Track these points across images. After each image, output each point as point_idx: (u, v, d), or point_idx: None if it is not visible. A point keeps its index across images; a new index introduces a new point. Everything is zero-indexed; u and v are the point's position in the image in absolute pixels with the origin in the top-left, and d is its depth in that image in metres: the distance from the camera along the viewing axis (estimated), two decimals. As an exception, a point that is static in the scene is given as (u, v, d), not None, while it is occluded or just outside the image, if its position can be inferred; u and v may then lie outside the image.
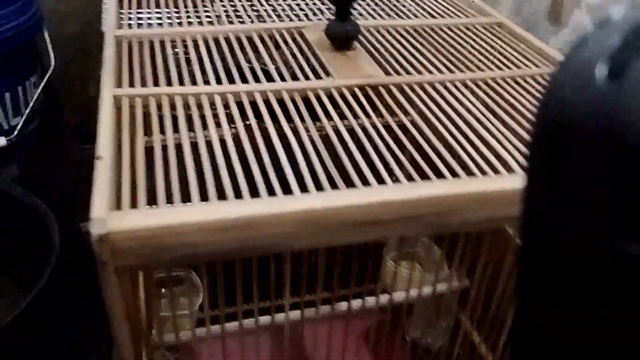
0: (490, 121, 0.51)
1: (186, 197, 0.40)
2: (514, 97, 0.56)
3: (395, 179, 0.43)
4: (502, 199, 0.41)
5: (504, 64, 0.63)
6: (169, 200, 0.39)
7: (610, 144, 0.17)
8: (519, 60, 0.64)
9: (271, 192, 0.40)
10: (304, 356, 1.04)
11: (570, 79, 0.19)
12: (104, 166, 0.41)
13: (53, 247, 1.08)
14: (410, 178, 0.43)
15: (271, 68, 0.57)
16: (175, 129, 0.47)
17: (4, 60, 1.21)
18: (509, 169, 0.45)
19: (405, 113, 0.52)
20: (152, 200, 0.40)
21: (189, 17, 0.68)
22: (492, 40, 0.69)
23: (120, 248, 0.36)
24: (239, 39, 0.63)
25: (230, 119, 0.49)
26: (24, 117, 1.27)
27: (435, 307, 0.91)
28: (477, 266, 0.57)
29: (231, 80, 0.54)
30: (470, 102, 0.54)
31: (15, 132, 1.25)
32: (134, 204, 0.39)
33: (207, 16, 0.69)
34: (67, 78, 1.38)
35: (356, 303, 0.60)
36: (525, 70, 0.61)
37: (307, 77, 0.56)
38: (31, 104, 1.28)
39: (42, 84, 1.32)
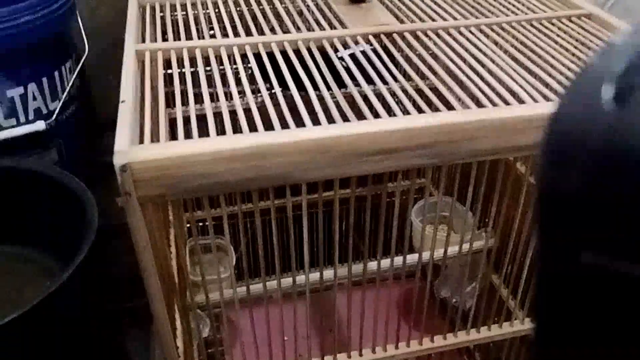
0: (502, 59, 0.52)
1: (206, 134, 0.42)
2: (527, 38, 0.56)
3: (405, 111, 0.43)
4: (510, 127, 0.42)
5: (518, 9, 0.63)
6: (188, 136, 0.41)
7: (615, 167, 0.17)
8: (533, 4, 0.64)
9: (284, 126, 0.42)
10: (337, 322, 1.06)
11: (576, 103, 0.19)
12: (126, 108, 0.43)
13: (91, 224, 1.12)
14: (420, 110, 0.44)
15: (287, 22, 0.59)
16: (195, 83, 0.49)
17: (39, 46, 1.25)
18: (520, 100, 0.46)
19: (420, 57, 0.53)
20: (175, 138, 0.42)
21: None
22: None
23: (141, 178, 0.38)
24: (257, -1, 0.64)
25: (248, 70, 0.50)
26: (61, 102, 1.32)
27: (465, 266, 0.91)
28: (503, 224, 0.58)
29: (248, 33, 0.56)
30: (484, 43, 0.55)
31: (54, 117, 1.30)
32: (156, 140, 0.41)
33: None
34: (101, 65, 1.42)
35: (385, 263, 0.61)
36: (540, 14, 0.61)
37: (322, 28, 0.58)
38: (67, 89, 1.33)
39: (77, 70, 1.36)
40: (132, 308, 1.18)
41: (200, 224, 0.89)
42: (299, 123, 0.42)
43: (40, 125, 1.33)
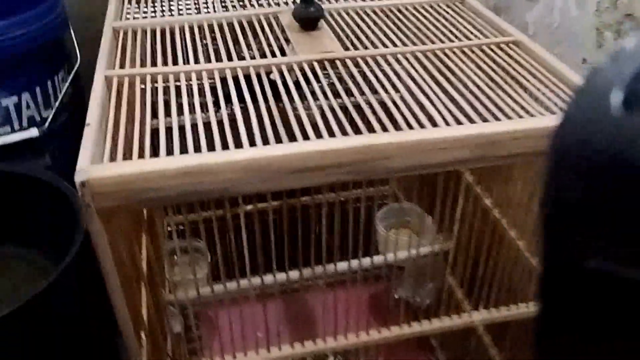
0: (428, 84, 0.59)
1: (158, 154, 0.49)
2: (455, 64, 0.63)
3: (330, 131, 0.50)
4: (419, 148, 0.49)
5: (455, 36, 0.70)
6: (141, 155, 0.48)
7: (622, 173, 0.17)
8: (470, 32, 0.71)
9: (225, 146, 0.49)
10: (310, 319, 1.13)
11: (585, 108, 0.18)
12: (90, 131, 0.50)
13: (80, 227, 1.19)
14: (344, 131, 0.51)
15: (244, 50, 0.66)
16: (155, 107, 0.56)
17: (33, 55, 1.32)
18: (434, 124, 0.53)
19: (354, 82, 0.60)
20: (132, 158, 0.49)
21: (179, 8, 0.77)
22: (451, 17, 0.76)
23: (99, 192, 0.45)
24: (220, 26, 0.72)
25: (202, 94, 0.57)
26: (54, 110, 1.39)
27: (424, 267, 0.99)
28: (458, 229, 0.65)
29: (208, 60, 0.63)
30: (415, 69, 0.62)
31: (46, 124, 1.37)
32: (114, 160, 0.48)
33: (197, 7, 0.78)
34: (92, 74, 1.49)
35: (354, 265, 0.69)
36: (473, 41, 0.68)
37: (274, 55, 0.65)
38: (60, 97, 1.40)
39: (70, 79, 1.43)
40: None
41: (182, 226, 0.96)
42: (238, 142, 0.49)
43: (33, 132, 1.40)
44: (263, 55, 0.64)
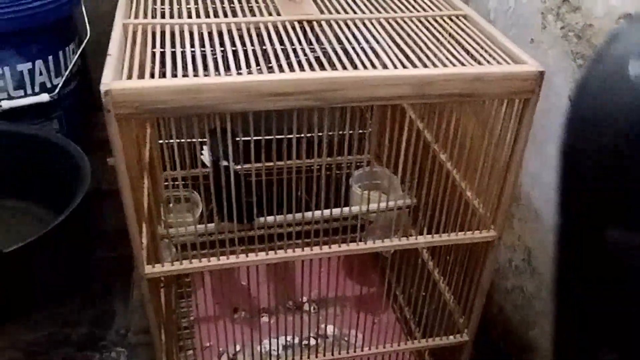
0: (385, 41, 0.72)
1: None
2: (410, 29, 0.77)
3: (301, 67, 0.64)
4: (368, 82, 0.63)
5: (414, 8, 0.84)
6: (152, 77, 0.62)
7: None
8: (428, 6, 0.85)
9: (218, 73, 0.62)
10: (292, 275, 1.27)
11: (603, 77, 0.18)
12: (112, 59, 0.64)
13: (85, 182, 1.33)
14: (312, 68, 0.64)
15: (237, 10, 0.80)
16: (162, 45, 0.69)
17: (47, 28, 1.46)
18: (384, 67, 0.66)
19: (327, 38, 0.74)
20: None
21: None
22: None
23: (117, 100, 0.59)
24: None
25: (202, 39, 0.71)
26: (63, 78, 1.52)
27: (390, 221, 1.12)
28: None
29: (208, 16, 0.77)
30: (377, 31, 0.76)
31: (57, 91, 1.50)
32: (130, 79, 0.62)
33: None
34: (100, 49, 1.61)
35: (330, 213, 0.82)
36: (428, 12, 0.82)
37: (262, 14, 0.78)
38: (70, 67, 1.53)
39: (79, 51, 1.56)
40: (117, 257, 1.39)
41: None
42: (228, 71, 0.63)
43: (44, 97, 1.54)
44: (253, 15, 0.78)
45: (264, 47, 0.69)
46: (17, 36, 1.40)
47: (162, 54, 0.66)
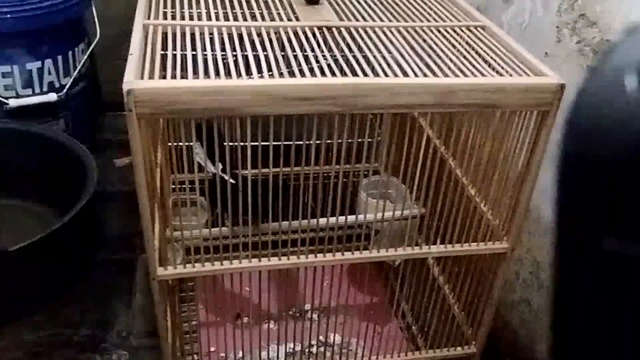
0: (405, 50, 0.72)
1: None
2: (430, 38, 0.77)
3: (323, 73, 0.64)
4: (390, 90, 0.63)
5: (433, 18, 0.84)
6: (173, 77, 0.62)
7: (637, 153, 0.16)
8: (446, 16, 0.85)
9: (239, 76, 0.62)
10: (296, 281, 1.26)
11: (600, 89, 0.19)
12: (133, 58, 0.63)
13: (91, 182, 1.32)
14: (333, 74, 0.64)
15: (257, 15, 0.80)
16: (183, 48, 0.69)
17: (57, 28, 1.46)
18: (406, 75, 0.66)
19: (347, 45, 0.74)
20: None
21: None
22: (432, 4, 0.90)
23: (139, 100, 0.58)
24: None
25: (222, 42, 0.71)
26: (72, 78, 1.52)
27: (397, 230, 1.12)
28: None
29: (228, 19, 0.77)
30: (397, 39, 0.76)
31: (64, 91, 1.50)
32: (152, 79, 0.61)
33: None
34: (108, 51, 1.61)
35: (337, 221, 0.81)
36: (447, 23, 0.82)
37: (282, 19, 0.78)
38: (78, 68, 1.53)
39: (88, 52, 1.56)
40: (119, 259, 1.38)
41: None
42: (249, 74, 0.63)
43: (52, 96, 1.53)
44: (272, 19, 0.78)
45: (283, 52, 0.69)
46: (28, 35, 1.40)
47: (183, 55, 0.66)
